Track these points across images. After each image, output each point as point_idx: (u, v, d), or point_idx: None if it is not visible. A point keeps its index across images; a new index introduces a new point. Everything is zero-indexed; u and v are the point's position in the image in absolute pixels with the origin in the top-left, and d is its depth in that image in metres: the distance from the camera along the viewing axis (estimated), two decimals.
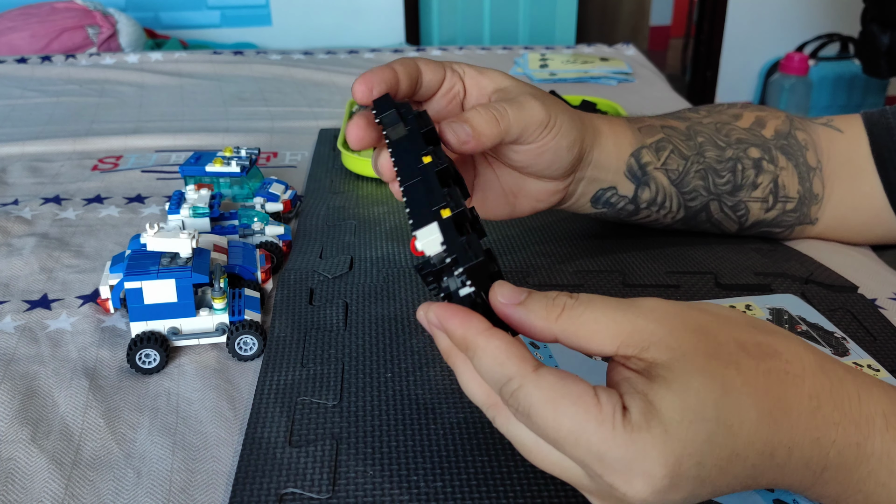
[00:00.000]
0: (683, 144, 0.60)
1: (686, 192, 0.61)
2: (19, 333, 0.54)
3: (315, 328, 0.53)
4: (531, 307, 0.33)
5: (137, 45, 1.84)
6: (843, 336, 0.52)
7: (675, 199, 0.61)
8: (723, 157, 0.61)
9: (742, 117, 0.63)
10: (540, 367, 0.32)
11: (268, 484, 0.40)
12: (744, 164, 0.61)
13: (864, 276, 0.61)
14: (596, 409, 0.30)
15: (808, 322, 0.54)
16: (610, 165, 0.58)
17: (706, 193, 0.61)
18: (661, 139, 0.60)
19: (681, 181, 0.60)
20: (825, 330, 0.53)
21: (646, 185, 0.60)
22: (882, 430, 0.33)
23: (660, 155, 0.59)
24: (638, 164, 0.59)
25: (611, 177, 0.58)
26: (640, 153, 0.59)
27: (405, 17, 2.39)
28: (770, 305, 0.55)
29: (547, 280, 0.59)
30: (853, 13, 2.46)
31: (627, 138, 0.59)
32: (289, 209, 0.72)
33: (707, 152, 0.61)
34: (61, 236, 0.69)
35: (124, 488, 0.41)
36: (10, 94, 1.15)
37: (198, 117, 1.06)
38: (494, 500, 0.39)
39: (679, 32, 3.66)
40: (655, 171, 0.59)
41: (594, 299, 0.33)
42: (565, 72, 1.27)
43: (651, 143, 0.60)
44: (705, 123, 0.62)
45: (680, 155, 0.60)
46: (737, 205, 0.62)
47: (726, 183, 0.61)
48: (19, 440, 0.44)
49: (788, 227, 0.65)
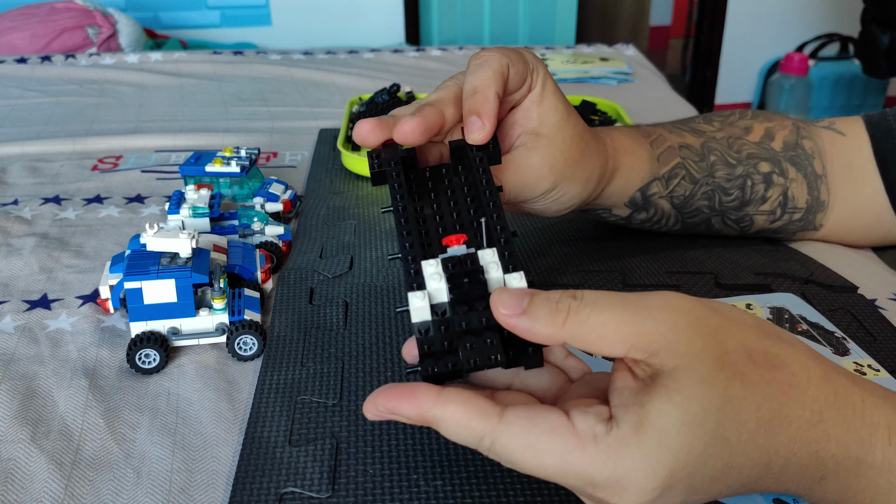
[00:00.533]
0: (696, 167, 0.60)
1: (687, 212, 0.61)
2: (19, 333, 0.54)
3: (315, 327, 0.53)
4: (535, 315, 0.32)
5: (137, 45, 1.84)
6: (843, 336, 0.52)
7: (672, 217, 0.62)
8: (733, 174, 0.61)
9: (752, 130, 0.63)
10: (504, 411, 0.32)
11: (268, 483, 0.40)
12: (753, 179, 0.61)
13: (864, 276, 0.61)
14: (573, 437, 0.31)
15: (809, 321, 0.54)
16: (610, 200, 0.58)
17: (709, 211, 0.62)
18: (676, 165, 0.59)
19: (684, 204, 0.61)
20: (825, 329, 0.53)
21: (644, 210, 0.60)
22: (884, 442, 0.32)
23: (669, 183, 0.59)
24: (643, 196, 0.59)
25: (609, 205, 0.59)
26: (648, 187, 0.59)
27: (405, 17, 2.39)
28: (771, 304, 0.55)
29: (547, 280, 0.59)
30: (853, 13, 2.46)
31: (642, 173, 0.58)
32: (289, 209, 0.72)
33: (717, 172, 0.60)
34: (61, 236, 0.69)
35: (124, 488, 0.41)
36: (9, 94, 1.15)
37: (197, 117, 1.06)
38: (494, 499, 0.39)
39: (679, 32, 3.66)
40: (660, 199, 0.60)
41: (599, 299, 0.32)
42: (565, 72, 1.27)
43: (665, 172, 0.59)
44: (718, 139, 0.62)
45: (690, 180, 0.60)
46: (741, 218, 0.62)
47: (733, 200, 0.61)
48: (19, 440, 0.44)
49: (791, 234, 0.65)
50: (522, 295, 0.33)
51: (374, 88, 1.11)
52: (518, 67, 0.47)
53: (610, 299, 0.32)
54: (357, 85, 1.22)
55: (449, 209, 0.42)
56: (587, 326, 0.32)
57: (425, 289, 0.35)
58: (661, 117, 1.04)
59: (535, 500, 0.39)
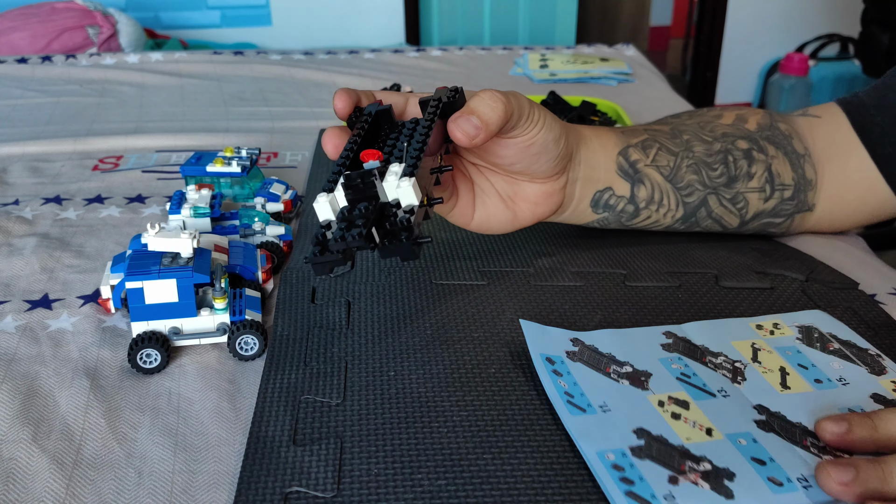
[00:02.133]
0: (670, 142, 0.62)
1: (681, 187, 0.61)
2: (20, 333, 0.54)
3: (318, 327, 0.53)
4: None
5: (138, 46, 1.84)
6: (877, 353, 0.50)
7: (672, 196, 0.62)
8: (711, 150, 0.62)
9: (723, 116, 0.65)
10: None
11: (272, 483, 0.40)
12: (734, 155, 0.62)
13: (863, 272, 0.62)
14: None
15: (840, 339, 0.51)
16: (599, 163, 0.59)
17: (702, 187, 0.62)
18: (647, 139, 0.62)
19: (674, 176, 0.61)
20: (858, 347, 0.50)
21: (640, 182, 0.61)
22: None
23: (647, 152, 0.61)
24: (627, 161, 0.60)
25: (603, 175, 0.59)
26: (627, 151, 0.61)
27: (405, 17, 2.39)
28: (798, 323, 0.53)
29: (548, 280, 0.59)
30: (853, 13, 2.46)
31: (612, 140, 0.61)
32: (289, 209, 0.72)
33: (695, 147, 0.62)
34: (62, 236, 0.69)
35: (126, 488, 0.41)
36: (10, 95, 1.15)
37: (198, 117, 1.06)
38: (497, 498, 0.39)
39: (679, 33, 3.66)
40: (647, 167, 0.61)
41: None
42: (565, 72, 1.27)
43: (636, 142, 0.61)
44: (688, 124, 0.64)
45: (668, 151, 0.61)
46: (735, 196, 0.62)
47: (720, 175, 0.61)
48: (20, 440, 0.44)
49: (788, 217, 0.65)
50: (841, 422, 0.42)
51: (374, 88, 1.11)
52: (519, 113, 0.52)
53: None
54: (357, 85, 1.22)
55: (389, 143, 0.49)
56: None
57: (332, 192, 0.45)
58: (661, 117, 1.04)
59: (538, 500, 0.39)
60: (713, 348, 0.50)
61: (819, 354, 0.50)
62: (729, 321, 0.53)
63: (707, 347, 0.50)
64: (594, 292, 0.58)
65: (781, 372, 0.48)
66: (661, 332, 0.51)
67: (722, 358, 0.49)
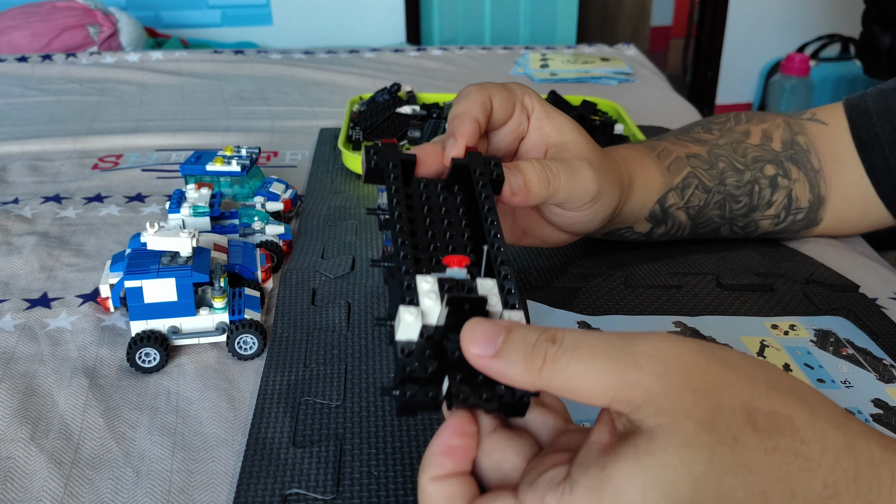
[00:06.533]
0: (706, 175, 0.60)
1: (701, 222, 0.61)
2: (19, 332, 0.54)
3: (318, 328, 0.53)
4: (509, 358, 0.29)
5: (138, 44, 1.83)
6: (891, 363, 0.50)
7: (687, 230, 0.62)
8: (742, 181, 0.61)
9: (751, 134, 0.63)
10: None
11: (272, 484, 0.40)
12: (760, 184, 0.61)
13: (864, 275, 0.62)
14: None
15: (857, 346, 0.51)
16: (633, 212, 0.58)
17: (719, 220, 0.62)
18: (688, 175, 0.59)
19: (698, 214, 0.61)
20: (873, 356, 0.50)
21: (663, 223, 0.60)
22: None
23: (684, 193, 0.59)
24: (661, 208, 0.59)
25: (629, 218, 0.58)
26: (665, 197, 0.59)
27: (406, 16, 2.39)
28: (816, 327, 0.53)
29: (548, 282, 0.59)
30: (854, 14, 2.46)
31: (656, 184, 0.58)
32: (289, 208, 0.72)
33: (728, 179, 0.60)
34: (61, 235, 0.69)
35: (123, 487, 0.41)
36: (10, 93, 1.15)
37: (198, 116, 1.05)
38: None
39: (680, 33, 3.66)
40: (677, 210, 0.60)
41: (580, 344, 0.29)
42: (566, 72, 1.26)
43: (678, 182, 0.59)
44: (722, 145, 0.62)
45: (703, 189, 0.60)
46: (748, 224, 0.63)
47: (742, 207, 0.61)
48: (19, 439, 0.44)
49: (795, 233, 0.65)
50: (496, 331, 0.29)
51: (374, 88, 1.11)
52: (502, 95, 0.48)
53: (592, 344, 0.28)
54: (358, 84, 1.22)
55: (442, 228, 0.38)
56: (565, 375, 0.28)
57: (419, 306, 0.31)
58: (662, 117, 1.04)
59: None
60: (720, 340, 0.50)
61: (829, 357, 0.50)
62: (744, 318, 0.53)
63: (714, 339, 0.50)
64: (594, 293, 0.58)
65: (784, 368, 0.48)
66: (671, 322, 0.52)
67: None
